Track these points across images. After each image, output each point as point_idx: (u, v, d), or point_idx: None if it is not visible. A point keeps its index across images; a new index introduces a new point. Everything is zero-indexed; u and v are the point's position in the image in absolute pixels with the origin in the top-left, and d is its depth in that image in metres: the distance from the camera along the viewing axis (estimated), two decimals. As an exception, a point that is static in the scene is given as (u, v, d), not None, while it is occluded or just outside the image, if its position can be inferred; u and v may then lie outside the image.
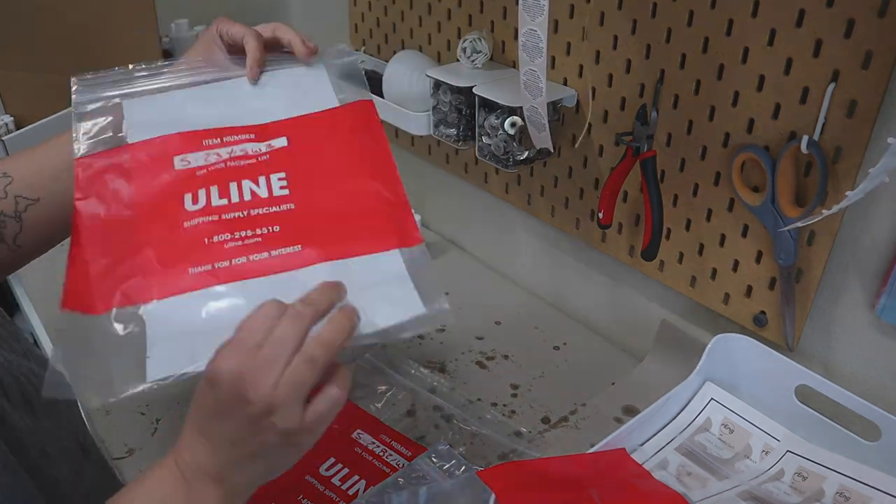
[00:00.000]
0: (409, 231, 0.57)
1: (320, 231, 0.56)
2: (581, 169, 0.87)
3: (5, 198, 0.63)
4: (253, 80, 0.64)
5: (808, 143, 0.64)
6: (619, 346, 0.93)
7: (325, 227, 0.56)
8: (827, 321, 0.72)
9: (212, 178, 0.58)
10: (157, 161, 0.59)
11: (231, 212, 0.56)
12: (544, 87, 0.70)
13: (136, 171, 0.59)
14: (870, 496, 0.61)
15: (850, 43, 0.60)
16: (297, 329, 0.46)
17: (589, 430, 0.79)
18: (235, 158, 0.59)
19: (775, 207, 0.68)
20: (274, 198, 0.57)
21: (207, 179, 0.58)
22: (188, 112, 0.63)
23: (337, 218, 0.57)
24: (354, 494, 0.70)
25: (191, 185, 0.57)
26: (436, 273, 0.54)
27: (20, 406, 0.54)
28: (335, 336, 0.47)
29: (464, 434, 0.77)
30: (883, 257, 0.66)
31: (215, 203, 0.56)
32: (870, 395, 0.66)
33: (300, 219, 0.56)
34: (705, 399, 0.73)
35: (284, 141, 0.61)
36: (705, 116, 0.72)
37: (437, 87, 0.89)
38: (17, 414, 0.53)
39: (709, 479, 0.66)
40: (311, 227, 0.56)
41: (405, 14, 1.02)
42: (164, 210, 0.56)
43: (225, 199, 0.57)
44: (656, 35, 0.73)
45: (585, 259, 0.95)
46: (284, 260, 0.54)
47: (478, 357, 0.90)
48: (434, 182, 1.13)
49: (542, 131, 0.76)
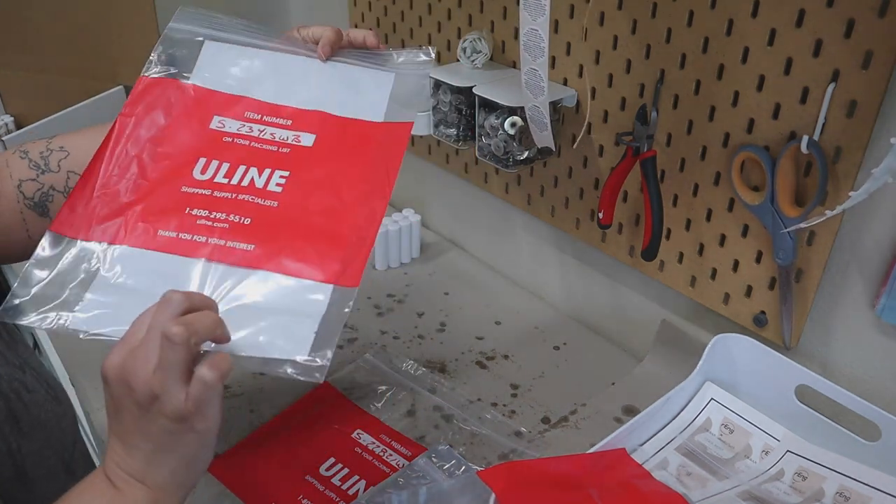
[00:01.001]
0: (353, 270, 0.59)
1: (281, 237, 0.59)
2: (581, 169, 0.87)
3: (58, 172, 0.65)
4: (322, 58, 0.66)
5: (808, 143, 0.64)
6: (619, 346, 0.93)
7: (287, 234, 0.59)
8: (827, 321, 0.72)
9: (231, 153, 0.62)
10: (200, 112, 0.64)
11: (223, 191, 0.60)
12: (546, 86, 0.70)
13: (178, 113, 0.63)
14: (870, 496, 0.61)
15: (850, 43, 0.60)
16: (165, 315, 0.47)
17: (589, 430, 0.79)
18: (262, 141, 0.63)
19: (775, 207, 0.68)
20: (265, 191, 0.60)
21: (227, 152, 0.62)
22: (252, 74, 0.66)
23: (304, 231, 0.59)
24: (354, 494, 0.70)
25: (210, 151, 0.62)
26: (341, 326, 0.56)
27: (6, 425, 0.53)
28: (197, 319, 0.48)
29: (464, 434, 0.77)
30: (883, 257, 0.66)
31: (218, 179, 0.60)
32: (870, 395, 0.66)
33: (272, 218, 0.59)
34: (705, 399, 0.73)
35: (311, 140, 0.63)
36: (705, 116, 0.72)
37: (437, 87, 0.89)
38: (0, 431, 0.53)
39: (709, 479, 0.66)
40: (275, 230, 0.59)
41: (405, 14, 1.02)
42: (177, 169, 0.61)
43: (227, 179, 0.60)
44: (656, 35, 0.73)
45: (585, 259, 0.95)
46: (231, 253, 0.57)
47: (478, 357, 0.90)
48: (434, 182, 1.13)
49: (545, 130, 0.76)
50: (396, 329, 0.94)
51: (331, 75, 0.67)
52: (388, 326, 0.95)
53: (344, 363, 0.87)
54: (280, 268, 0.57)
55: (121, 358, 0.47)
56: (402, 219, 1.06)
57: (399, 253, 1.07)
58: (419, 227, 1.09)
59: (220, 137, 0.62)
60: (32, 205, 0.64)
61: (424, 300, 1.00)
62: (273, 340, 0.54)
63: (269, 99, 0.65)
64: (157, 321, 0.47)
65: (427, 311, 0.98)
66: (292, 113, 0.65)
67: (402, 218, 1.06)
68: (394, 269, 1.07)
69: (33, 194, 0.64)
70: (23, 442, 0.54)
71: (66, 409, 0.61)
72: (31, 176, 0.64)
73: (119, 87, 1.23)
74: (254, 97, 0.65)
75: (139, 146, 0.61)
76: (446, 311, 0.98)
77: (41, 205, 0.65)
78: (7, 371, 0.56)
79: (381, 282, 1.04)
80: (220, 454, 0.74)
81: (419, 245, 1.10)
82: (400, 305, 0.99)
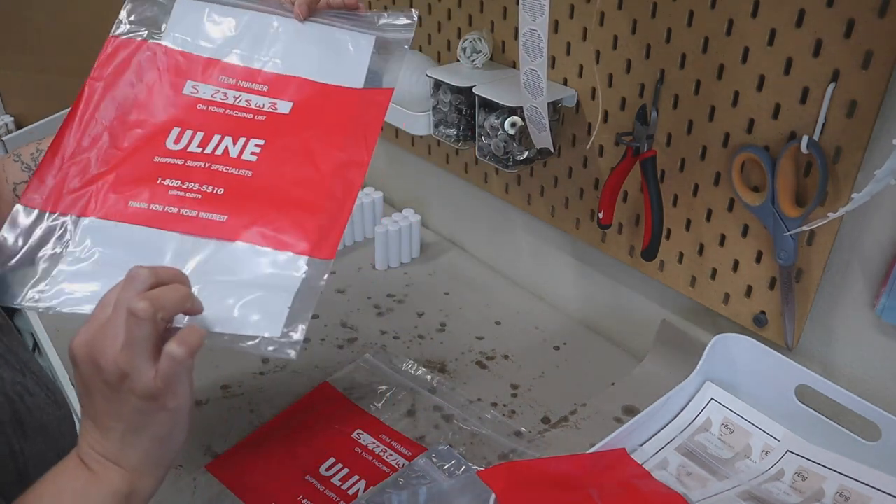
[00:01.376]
0: (329, 242, 0.57)
1: (254, 208, 0.57)
2: (581, 169, 0.87)
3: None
4: (300, 18, 0.63)
5: (808, 143, 0.64)
6: (619, 346, 0.93)
7: (261, 205, 0.57)
8: (827, 321, 0.72)
9: (205, 121, 0.60)
10: (172, 76, 0.61)
11: (197, 160, 0.58)
12: (545, 86, 0.70)
13: (149, 76, 0.61)
14: (870, 496, 0.61)
15: (850, 43, 0.60)
16: (131, 292, 0.47)
17: (589, 430, 0.79)
18: (237, 108, 0.61)
19: (775, 207, 0.68)
20: (240, 161, 0.59)
21: (201, 120, 0.60)
22: (227, 35, 0.63)
23: (278, 201, 0.58)
24: (354, 494, 0.70)
25: (184, 119, 0.60)
26: (315, 300, 0.54)
27: (10, 427, 0.53)
28: (163, 294, 0.47)
29: (464, 434, 0.77)
30: (883, 257, 0.66)
31: (191, 149, 0.59)
32: (870, 395, 0.66)
33: (246, 188, 0.58)
34: (705, 399, 0.73)
35: (288, 108, 0.61)
36: (705, 116, 0.72)
37: (437, 87, 0.89)
38: (2, 435, 0.52)
39: (709, 479, 0.66)
40: (249, 200, 0.57)
41: (405, 14, 1.02)
42: (149, 138, 0.59)
43: (200, 148, 0.59)
44: (656, 35, 0.73)
45: (585, 259, 0.95)
46: (205, 225, 0.56)
47: (478, 357, 0.90)
48: (434, 182, 1.13)
49: (543, 131, 0.76)
50: (396, 329, 0.94)
51: (308, 37, 0.64)
52: (388, 326, 0.95)
53: (344, 363, 0.87)
54: (253, 239, 0.56)
55: (88, 336, 0.47)
56: (402, 219, 1.06)
57: (399, 253, 1.07)
58: (419, 227, 1.09)
59: (195, 104, 0.60)
60: None
61: (424, 300, 1.00)
62: (246, 316, 0.52)
63: (244, 63, 0.63)
64: (123, 298, 0.46)
65: (427, 311, 0.98)
66: (269, 78, 0.62)
67: (402, 218, 1.06)
68: (394, 269, 1.07)
69: None
70: (25, 444, 0.54)
71: (65, 412, 0.61)
72: (24, 178, 0.65)
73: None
74: (228, 61, 0.62)
75: (109, 114, 0.59)
76: (446, 311, 0.98)
77: None
78: (10, 375, 0.56)
79: (381, 282, 1.04)
80: (220, 454, 0.74)
81: (419, 245, 1.10)
82: (400, 305, 0.99)
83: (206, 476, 0.72)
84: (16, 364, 0.58)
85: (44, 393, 0.59)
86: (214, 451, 0.75)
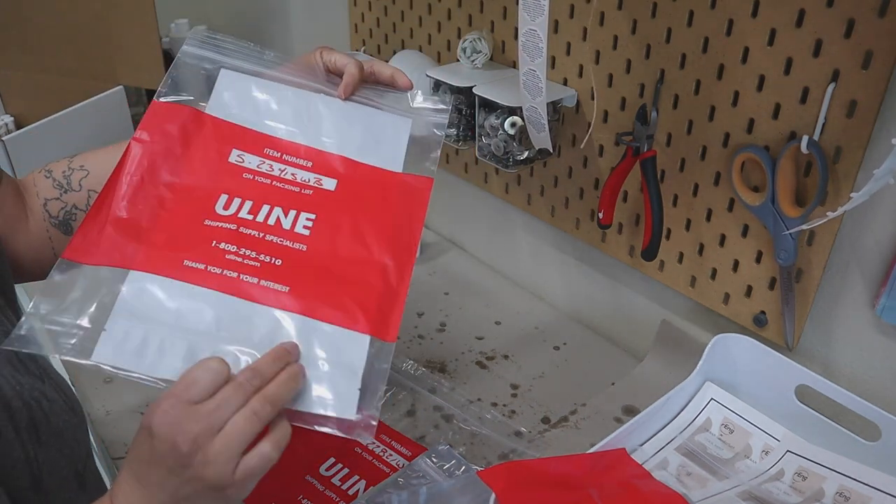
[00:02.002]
0: (390, 324, 0.57)
1: (314, 282, 0.56)
2: (581, 169, 0.87)
3: (80, 191, 0.65)
4: (343, 97, 0.64)
5: (808, 143, 0.64)
6: (619, 346, 0.93)
7: (320, 280, 0.56)
8: (827, 321, 0.72)
9: (253, 190, 0.59)
10: (218, 144, 0.61)
11: (250, 228, 0.57)
12: (544, 87, 0.70)
13: (195, 143, 0.61)
14: (870, 496, 0.61)
15: (850, 43, 0.60)
16: (240, 397, 0.47)
17: (589, 430, 0.79)
18: (283, 181, 0.60)
19: (775, 207, 0.68)
20: (293, 233, 0.58)
21: (249, 189, 0.59)
22: (270, 109, 0.64)
23: (336, 278, 0.57)
24: (354, 494, 0.70)
25: (231, 187, 0.59)
26: (383, 383, 0.53)
27: (25, 433, 0.53)
28: (281, 392, 0.48)
29: (464, 434, 0.77)
30: (883, 257, 0.66)
31: (242, 215, 0.58)
32: (870, 395, 0.66)
33: (304, 263, 0.57)
34: (705, 399, 0.73)
35: (333, 185, 0.62)
36: (705, 116, 0.72)
37: (437, 87, 0.89)
38: (18, 441, 0.52)
39: (709, 479, 0.66)
40: (308, 275, 0.56)
41: (405, 14, 1.02)
42: (197, 201, 0.58)
43: (251, 216, 0.58)
44: (656, 35, 0.73)
45: (585, 259, 0.95)
46: (267, 293, 0.54)
47: (478, 357, 0.90)
48: (434, 182, 1.13)
49: (542, 131, 0.76)
50: (396, 329, 0.94)
51: (350, 117, 0.64)
52: (388, 326, 0.94)
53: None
54: (318, 314, 0.54)
55: (178, 416, 0.46)
56: (402, 219, 1.06)
57: (399, 253, 1.07)
58: (419, 227, 1.09)
59: (241, 173, 0.60)
60: (57, 223, 0.65)
61: (424, 300, 1.00)
62: (319, 395, 0.51)
63: (288, 137, 0.63)
64: (227, 396, 0.46)
65: (427, 311, 0.98)
66: (312, 154, 0.62)
67: (402, 218, 1.06)
68: (394, 269, 1.07)
69: (58, 213, 0.65)
70: (40, 451, 0.54)
71: (80, 419, 0.61)
72: (55, 195, 0.65)
73: (119, 87, 1.23)
74: (273, 134, 0.62)
75: (155, 175, 0.58)
76: (446, 311, 0.98)
77: (65, 223, 0.65)
78: (28, 380, 0.55)
79: (381, 282, 1.04)
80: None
81: (419, 245, 1.10)
82: (400, 305, 0.99)
83: (206, 476, 0.72)
84: (35, 370, 0.58)
85: (62, 399, 0.58)
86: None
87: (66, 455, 0.57)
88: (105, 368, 0.50)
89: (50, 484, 0.53)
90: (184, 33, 1.39)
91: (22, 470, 0.52)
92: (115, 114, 1.24)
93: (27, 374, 0.56)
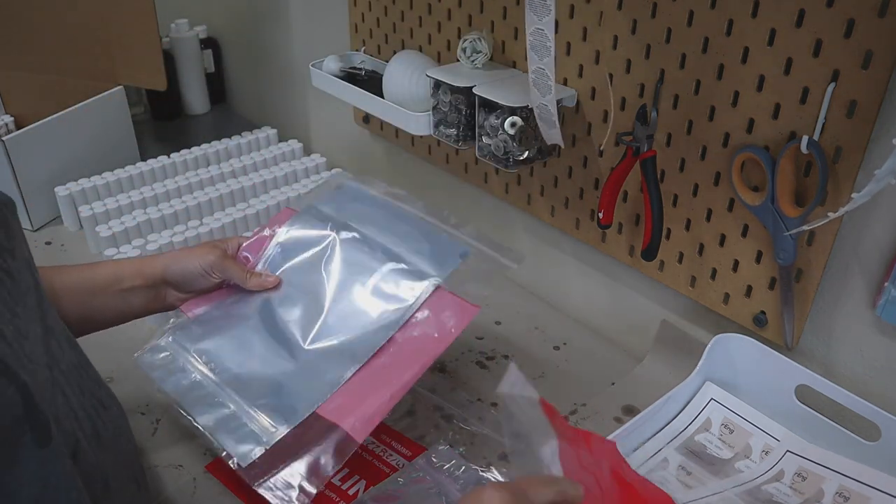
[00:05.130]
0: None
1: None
2: (581, 169, 0.87)
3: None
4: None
5: (808, 143, 0.64)
6: (619, 346, 0.93)
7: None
8: (827, 321, 0.72)
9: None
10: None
11: None
12: (553, 84, 0.70)
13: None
14: (869, 496, 0.61)
15: (850, 43, 0.60)
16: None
17: (589, 429, 0.79)
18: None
19: (775, 207, 0.68)
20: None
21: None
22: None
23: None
24: (354, 494, 0.70)
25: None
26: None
27: (91, 439, 0.54)
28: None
29: (464, 434, 0.77)
30: (883, 257, 0.66)
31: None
32: (870, 395, 0.66)
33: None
34: (705, 399, 0.73)
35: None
36: (705, 116, 0.72)
37: (437, 87, 0.89)
38: (90, 448, 0.53)
39: (709, 479, 0.66)
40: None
41: (405, 14, 1.02)
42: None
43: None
44: (656, 35, 0.73)
45: (585, 259, 0.95)
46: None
47: (478, 357, 0.90)
48: (434, 182, 1.13)
49: (553, 128, 0.76)
50: (396, 329, 0.94)
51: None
52: (388, 326, 0.94)
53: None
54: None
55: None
56: (402, 219, 1.06)
57: (399, 253, 1.07)
58: (419, 227, 1.08)
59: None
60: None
61: (424, 300, 1.00)
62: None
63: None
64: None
65: (427, 311, 0.98)
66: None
67: (402, 218, 1.06)
68: (394, 269, 1.07)
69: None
70: (103, 456, 0.55)
71: (127, 423, 0.63)
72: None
73: (119, 87, 1.23)
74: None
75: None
76: (446, 311, 0.98)
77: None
78: (90, 387, 0.57)
79: (381, 282, 1.04)
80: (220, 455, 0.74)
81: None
82: (400, 305, 0.99)
83: (206, 476, 0.72)
84: (95, 376, 0.59)
85: (116, 405, 0.60)
86: (214, 452, 0.75)
87: (123, 458, 0.58)
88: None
89: (116, 489, 0.54)
90: (184, 33, 1.39)
91: (95, 477, 0.53)
92: (115, 114, 1.25)
93: (89, 380, 0.58)
